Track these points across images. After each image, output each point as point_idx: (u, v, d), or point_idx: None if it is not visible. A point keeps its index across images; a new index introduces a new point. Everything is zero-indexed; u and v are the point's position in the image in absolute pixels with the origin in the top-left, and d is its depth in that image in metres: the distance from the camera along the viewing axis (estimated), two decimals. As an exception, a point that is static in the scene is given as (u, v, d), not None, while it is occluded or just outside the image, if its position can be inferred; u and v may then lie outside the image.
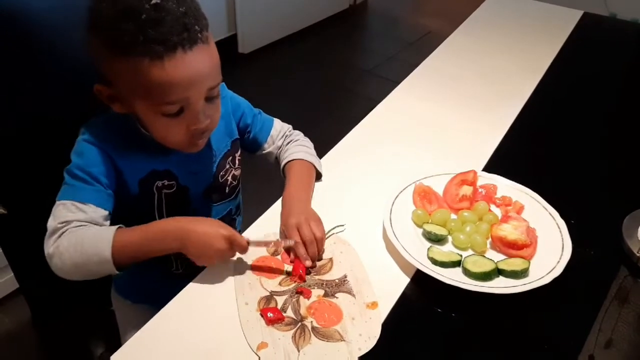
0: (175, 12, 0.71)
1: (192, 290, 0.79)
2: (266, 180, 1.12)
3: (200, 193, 0.92)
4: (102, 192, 0.80)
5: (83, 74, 0.94)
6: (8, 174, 0.90)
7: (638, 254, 0.86)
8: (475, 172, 0.98)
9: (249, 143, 1.01)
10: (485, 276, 0.79)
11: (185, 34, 0.71)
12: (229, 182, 0.97)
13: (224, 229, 0.78)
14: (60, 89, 0.92)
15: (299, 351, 0.70)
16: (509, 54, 1.51)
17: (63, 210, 0.77)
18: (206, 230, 0.77)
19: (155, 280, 0.99)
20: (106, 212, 0.80)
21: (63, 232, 0.76)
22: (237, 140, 0.97)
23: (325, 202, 0.95)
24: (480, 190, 0.97)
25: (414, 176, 0.98)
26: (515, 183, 0.98)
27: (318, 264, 0.84)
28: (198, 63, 0.74)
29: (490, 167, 1.06)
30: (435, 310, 0.79)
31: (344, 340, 0.72)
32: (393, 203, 0.93)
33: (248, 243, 0.80)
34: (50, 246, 0.76)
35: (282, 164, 0.99)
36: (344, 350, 0.71)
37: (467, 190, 0.96)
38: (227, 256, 0.80)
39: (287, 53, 3.17)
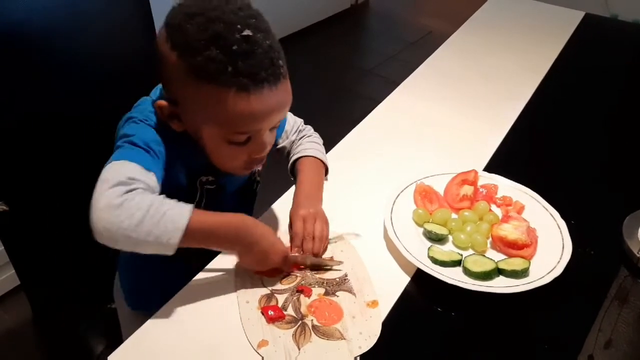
0: (263, 46, 0.70)
1: (193, 289, 0.80)
2: (268, 178, 1.12)
3: (234, 191, 0.93)
4: (160, 169, 0.76)
5: (85, 73, 0.95)
6: (10, 171, 0.90)
7: (638, 255, 0.86)
8: (476, 172, 0.98)
9: None
10: (486, 276, 0.80)
11: (271, 69, 0.71)
12: (254, 180, 0.98)
13: (282, 246, 0.80)
14: (63, 87, 0.92)
15: (299, 349, 0.70)
16: (510, 55, 1.51)
17: (126, 168, 0.70)
18: (270, 244, 0.78)
19: (169, 278, 0.98)
20: (159, 189, 0.74)
21: (134, 188, 0.68)
22: None
23: (327, 201, 0.95)
24: (481, 190, 0.97)
25: (415, 175, 0.98)
26: (516, 183, 0.98)
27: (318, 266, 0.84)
28: (279, 98, 0.74)
29: (491, 167, 1.06)
30: (436, 309, 0.79)
31: (344, 339, 0.72)
32: (394, 202, 0.93)
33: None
34: (116, 196, 0.66)
35: (293, 158, 0.98)
36: (344, 349, 0.71)
37: (468, 190, 0.96)
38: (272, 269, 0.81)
39: (288, 52, 3.14)
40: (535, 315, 0.79)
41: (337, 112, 2.64)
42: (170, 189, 0.80)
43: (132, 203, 0.67)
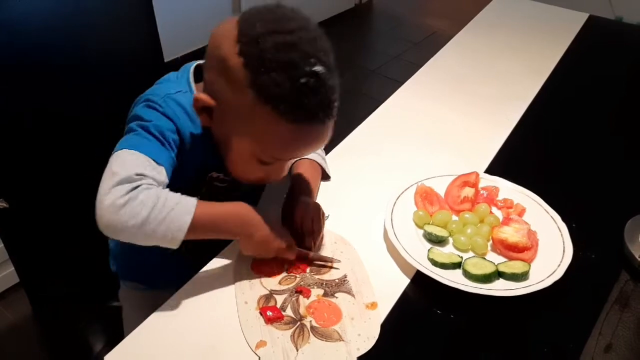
0: (326, 86, 0.70)
1: (192, 289, 0.79)
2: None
3: (248, 190, 0.92)
4: (173, 161, 0.75)
5: (87, 71, 0.95)
6: (10, 168, 0.90)
7: (639, 258, 0.85)
8: (477, 174, 0.98)
9: None
10: (486, 278, 0.79)
11: (327, 111, 0.72)
12: None
13: (285, 231, 0.80)
14: (63, 85, 0.93)
15: (297, 350, 0.70)
16: (513, 56, 1.51)
17: (136, 161, 0.70)
18: (269, 235, 0.78)
19: (157, 256, 0.98)
20: (167, 182, 0.74)
21: (140, 185, 0.68)
22: None
23: (327, 201, 0.95)
24: (482, 192, 0.97)
25: (416, 177, 0.98)
26: (517, 185, 0.97)
27: (319, 263, 0.84)
28: (323, 137, 0.75)
29: (492, 169, 1.05)
30: (435, 311, 0.79)
31: (343, 340, 0.72)
32: (394, 203, 0.92)
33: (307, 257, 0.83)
34: (121, 195, 0.66)
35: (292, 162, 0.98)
36: (343, 350, 0.71)
37: (468, 192, 0.95)
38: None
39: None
40: (535, 318, 0.79)
41: (340, 112, 2.63)
42: (178, 180, 0.80)
43: (136, 202, 0.67)
